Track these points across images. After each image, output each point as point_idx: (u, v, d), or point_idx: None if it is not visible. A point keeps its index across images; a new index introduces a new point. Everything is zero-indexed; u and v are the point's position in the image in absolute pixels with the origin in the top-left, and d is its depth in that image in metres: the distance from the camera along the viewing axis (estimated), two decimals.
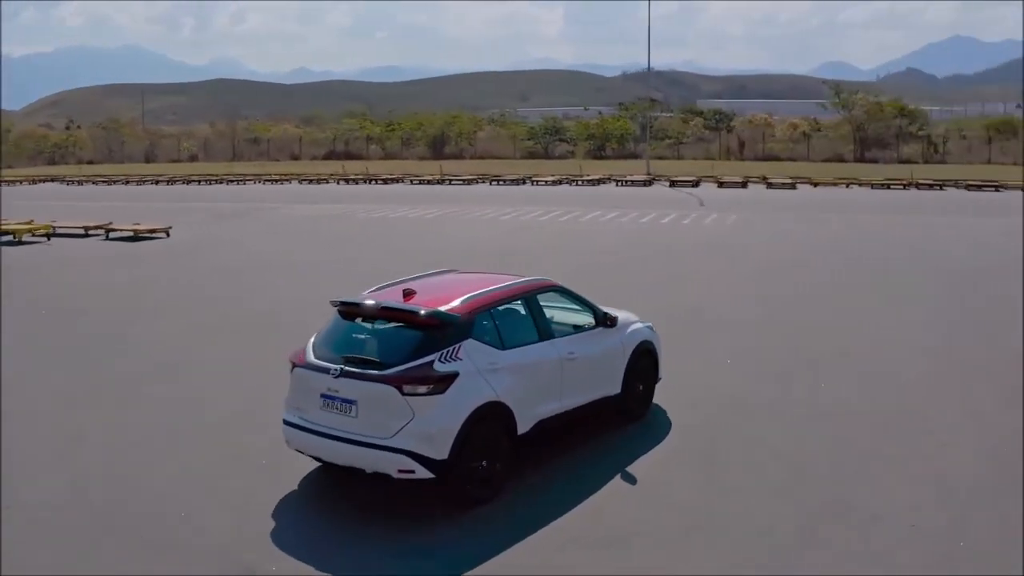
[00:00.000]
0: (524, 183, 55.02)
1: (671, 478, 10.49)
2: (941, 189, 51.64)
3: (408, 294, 10.14)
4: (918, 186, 52.17)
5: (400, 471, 9.19)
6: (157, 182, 61.62)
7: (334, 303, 10.48)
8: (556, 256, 26.12)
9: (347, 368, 9.45)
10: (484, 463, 9.57)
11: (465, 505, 9.51)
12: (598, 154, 78.08)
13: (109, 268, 25.74)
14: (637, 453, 11.17)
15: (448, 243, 29.56)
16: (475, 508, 9.53)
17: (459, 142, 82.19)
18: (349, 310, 10.31)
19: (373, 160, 76.82)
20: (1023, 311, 18.41)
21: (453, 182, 56.31)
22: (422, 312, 9.76)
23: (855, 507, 9.58)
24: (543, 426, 10.44)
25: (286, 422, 9.97)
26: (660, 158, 73.19)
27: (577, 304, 11.64)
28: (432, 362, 9.37)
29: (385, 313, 10.01)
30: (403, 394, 9.18)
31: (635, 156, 77.36)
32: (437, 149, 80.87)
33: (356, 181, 58.19)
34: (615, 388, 11.73)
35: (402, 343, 9.67)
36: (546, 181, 54.91)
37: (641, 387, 12.26)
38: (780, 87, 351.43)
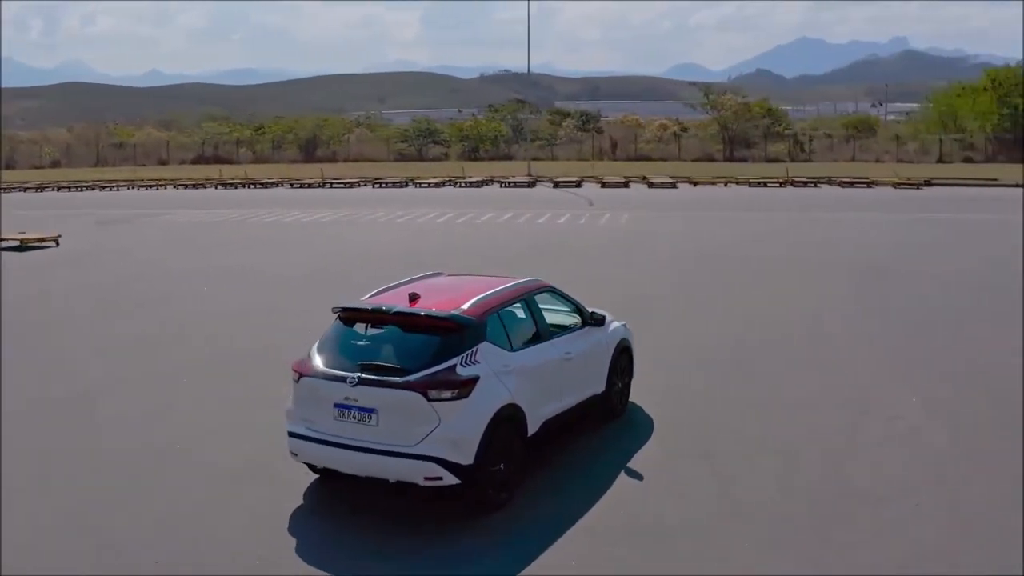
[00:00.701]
0: (407, 185, 54.78)
1: (673, 470, 10.66)
2: (816, 186, 53.17)
3: (413, 298, 9.96)
4: (793, 184, 53.61)
5: (427, 478, 9.02)
6: (25, 189, 59.39)
7: (336, 309, 10.22)
8: (468, 257, 26.03)
9: (365, 376, 9.20)
10: (502, 466, 9.51)
11: (487, 510, 9.43)
12: (472, 156, 78.13)
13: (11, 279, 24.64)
14: (628, 448, 11.33)
15: (355, 247, 29.22)
16: (495, 513, 9.45)
17: (331, 145, 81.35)
18: (359, 316, 10.04)
19: (244, 164, 75.47)
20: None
21: (335, 185, 55.67)
22: (442, 315, 9.63)
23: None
24: (547, 427, 10.43)
25: (292, 434, 9.67)
26: (535, 159, 73.55)
27: (566, 304, 11.66)
28: (455, 366, 9.25)
29: (399, 318, 9.78)
30: (429, 400, 9.02)
31: (509, 157, 77.65)
32: (309, 152, 79.89)
33: (235, 185, 57.03)
34: (601, 387, 11.81)
35: (421, 348, 9.48)
36: (429, 183, 54.75)
37: (620, 384, 12.37)
38: (634, 88, 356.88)
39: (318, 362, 9.66)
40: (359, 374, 9.23)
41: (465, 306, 9.88)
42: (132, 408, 13.01)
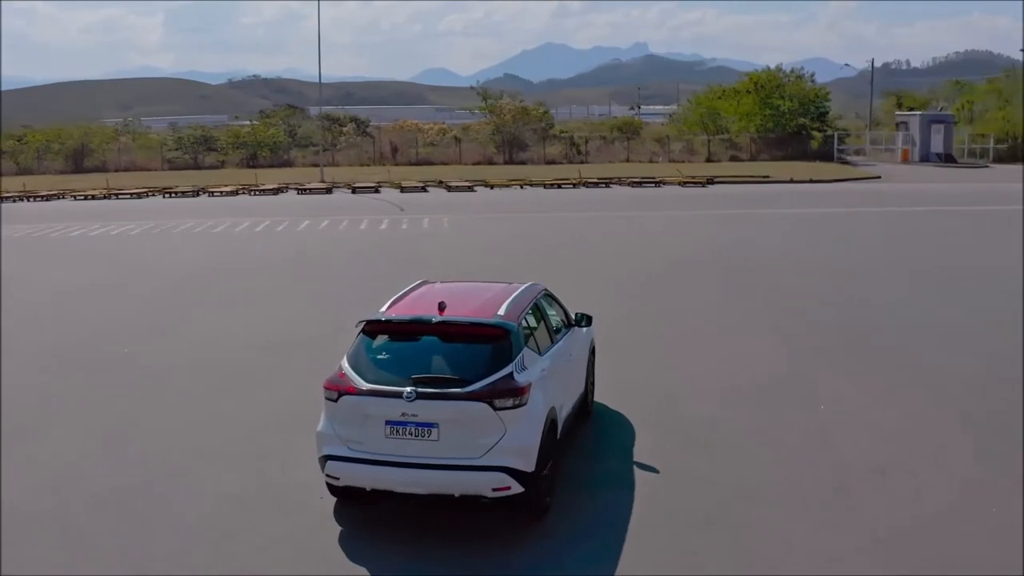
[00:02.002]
0: (199, 194, 52.96)
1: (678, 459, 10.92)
2: (608, 187, 54.67)
3: (442, 307, 9.71)
4: (586, 184, 54.94)
5: (495, 489, 8.87)
6: None
7: (363, 322, 9.83)
8: (308, 269, 25.70)
9: (423, 390, 8.89)
10: (546, 471, 9.47)
11: (538, 516, 9.39)
12: (251, 163, 76.22)
13: None
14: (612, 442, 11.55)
15: (191, 261, 28.23)
16: (544, 518, 9.49)
17: (101, 154, 77.73)
18: (393, 328, 9.68)
19: (8, 176, 71.14)
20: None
21: (121, 196, 53.11)
22: (490, 322, 9.48)
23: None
24: (565, 428, 10.48)
25: (332, 457, 9.18)
26: (314, 165, 72.59)
27: (555, 306, 11.69)
28: (511, 373, 9.15)
29: (442, 328, 9.50)
30: (495, 409, 8.87)
31: (289, 164, 76.21)
32: (78, 162, 76.11)
33: (13, 199, 53.44)
34: (582, 386, 11.91)
35: (473, 357, 9.29)
36: (223, 191, 53.15)
37: (590, 383, 12.52)
38: (386, 93, 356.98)
39: (359, 379, 9.23)
40: (414, 388, 8.91)
41: (501, 312, 9.78)
42: None
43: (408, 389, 8.89)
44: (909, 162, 75.10)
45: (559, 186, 54.66)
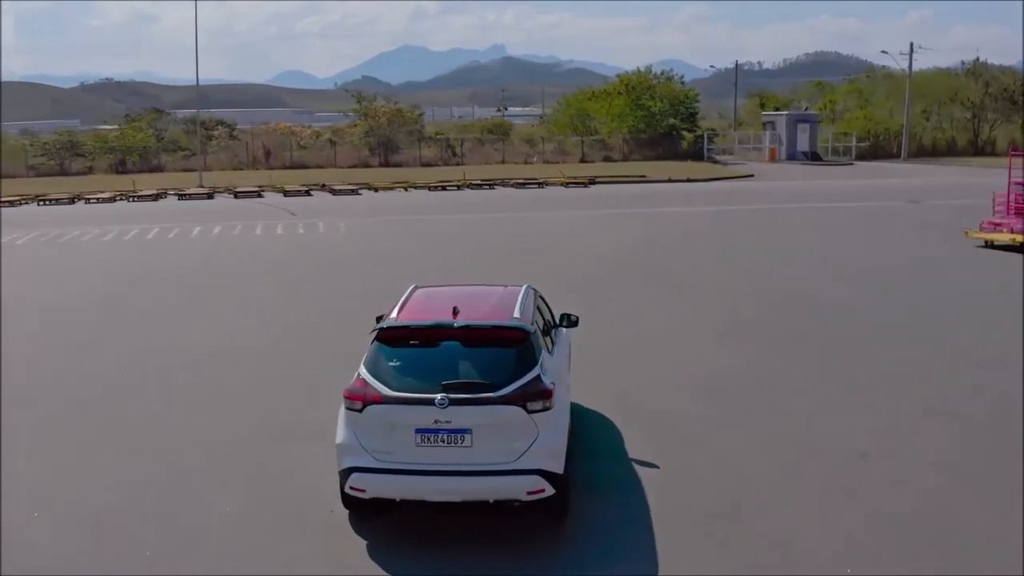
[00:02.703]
0: (75, 201, 51.32)
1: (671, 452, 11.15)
2: (492, 188, 54.90)
3: (455, 312, 9.62)
4: (470, 186, 55.08)
5: (530, 492, 8.86)
6: None
7: (378, 329, 9.64)
8: (224, 278, 25.27)
9: (455, 396, 8.79)
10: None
11: (562, 517, 9.45)
12: (119, 169, 74.27)
13: None
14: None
15: (92, 271, 27.41)
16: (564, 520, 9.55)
17: None
18: (411, 334, 9.49)
19: None
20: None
21: None
22: (512, 325, 9.49)
23: None
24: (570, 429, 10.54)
25: (357, 469, 8.97)
26: (186, 169, 71.23)
27: (545, 307, 11.75)
28: (539, 376, 9.15)
29: (464, 332, 9.39)
30: (528, 412, 8.86)
31: (160, 169, 74.53)
32: None
33: None
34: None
35: (499, 361, 9.24)
36: (99, 198, 51.62)
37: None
38: (243, 96, 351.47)
39: (383, 387, 9.03)
40: (446, 394, 8.79)
41: (517, 315, 9.79)
42: None
43: (439, 395, 8.78)
44: (777, 161, 77.26)
45: (443, 188, 54.68)
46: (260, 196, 51.85)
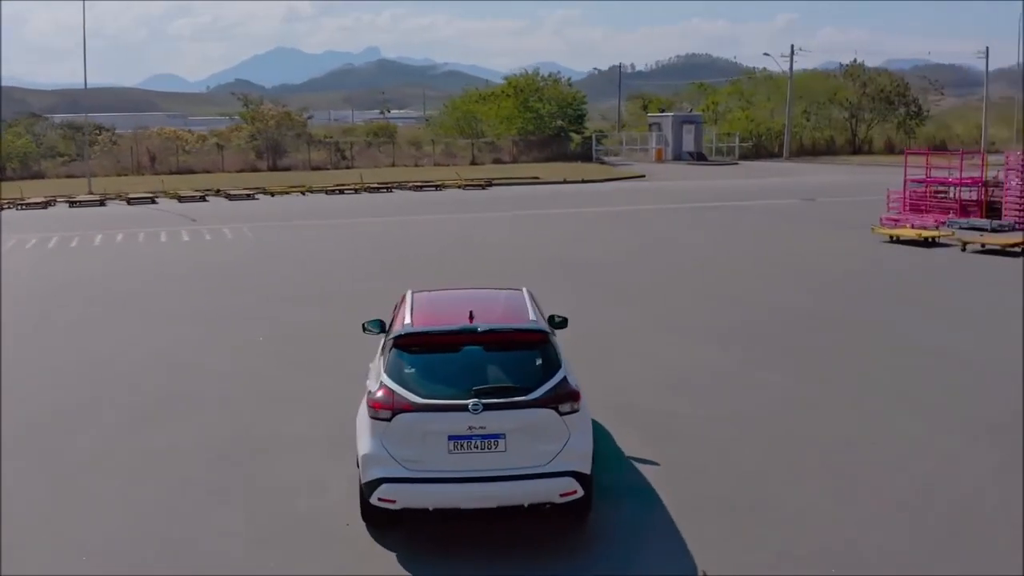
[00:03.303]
0: None
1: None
2: (390, 191, 54.63)
3: (472, 316, 9.47)
4: (368, 189, 54.72)
5: (562, 495, 8.86)
6: None
7: (395, 336, 9.37)
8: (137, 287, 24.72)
9: (489, 401, 8.70)
10: None
11: (585, 517, 9.47)
12: None
13: None
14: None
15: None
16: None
17: None
18: (433, 340, 9.31)
19: None
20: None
21: None
22: (535, 328, 9.46)
23: None
24: None
25: (387, 480, 8.74)
26: (68, 176, 69.27)
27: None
28: (565, 378, 9.15)
29: (489, 336, 9.31)
30: (560, 414, 8.87)
31: (40, 175, 72.03)
32: None
33: None
34: None
35: (525, 364, 9.21)
36: None
37: None
38: (113, 100, 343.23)
39: (411, 395, 8.85)
40: (480, 400, 8.69)
41: (533, 317, 9.77)
42: None
43: (472, 401, 8.68)
44: (663, 161, 78.55)
45: (341, 192, 54.21)
46: (154, 202, 50.64)
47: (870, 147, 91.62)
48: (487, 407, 8.67)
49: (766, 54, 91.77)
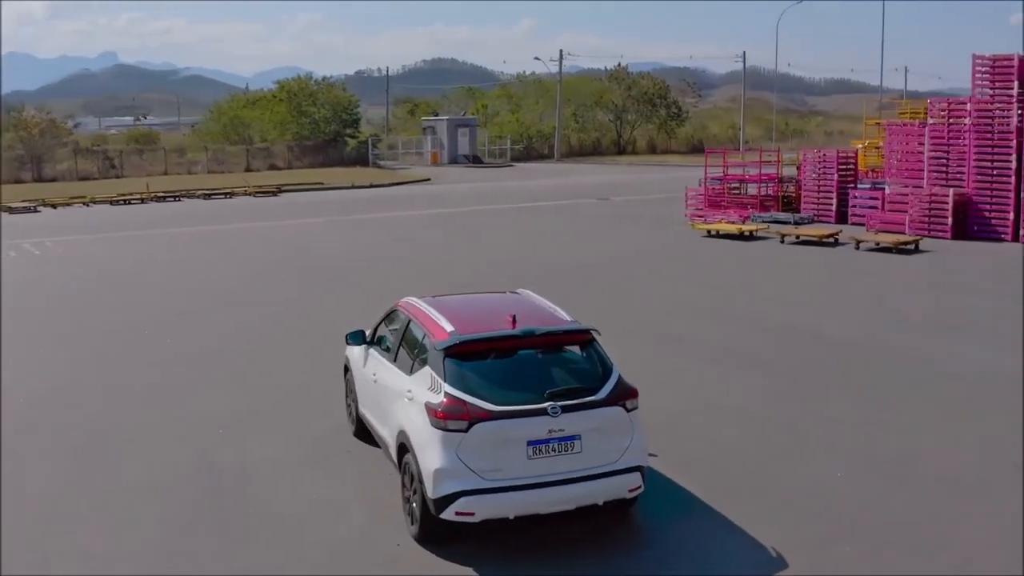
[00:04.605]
0: None
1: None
2: (179, 200, 52.98)
3: (515, 320, 9.45)
4: (156, 198, 52.89)
5: (631, 490, 9.09)
6: None
7: (450, 343, 9.13)
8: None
9: (564, 403, 8.75)
10: None
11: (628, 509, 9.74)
12: None
13: None
14: None
15: None
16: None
17: None
18: (494, 345, 9.23)
19: None
20: None
21: None
22: (584, 328, 9.61)
23: None
24: None
25: (465, 493, 8.58)
26: None
27: None
28: (620, 375, 9.35)
29: (545, 339, 9.42)
30: (627, 411, 9.09)
31: None
32: None
33: None
34: None
35: (584, 364, 9.39)
36: None
37: None
38: None
39: (485, 403, 8.69)
40: (557, 403, 8.71)
41: (567, 317, 9.93)
42: None
43: (550, 404, 8.68)
44: (440, 164, 79.01)
45: (127, 202, 52.08)
46: None
47: (634, 147, 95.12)
48: (564, 409, 8.74)
49: (536, 58, 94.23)
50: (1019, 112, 29.99)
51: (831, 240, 29.91)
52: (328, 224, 38.19)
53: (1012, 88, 30.18)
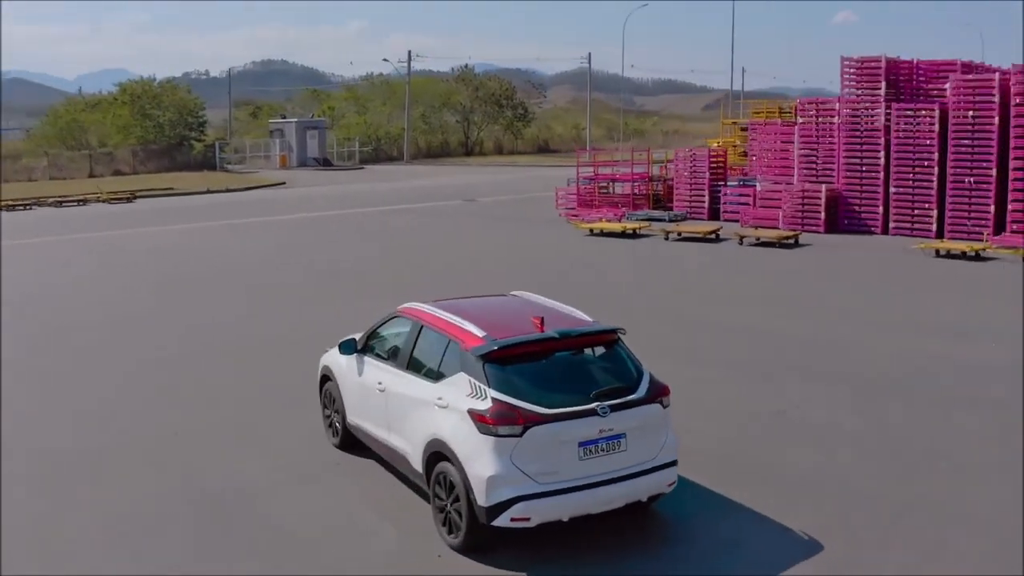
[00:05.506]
0: None
1: None
2: (29, 208, 50.86)
3: (543, 322, 9.51)
4: (7, 207, 50.71)
5: (669, 484, 9.39)
6: None
7: (489, 349, 9.09)
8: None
9: (611, 402, 8.92)
10: None
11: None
12: None
13: None
14: None
15: None
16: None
17: None
18: (533, 348, 9.26)
19: None
20: None
21: None
22: (612, 328, 9.79)
23: None
24: None
25: (520, 498, 8.60)
26: None
27: None
28: (650, 373, 9.56)
29: (579, 340, 9.61)
30: (664, 408, 9.33)
31: None
32: None
33: None
34: None
35: (617, 363, 9.56)
36: None
37: None
38: None
39: (536, 406, 8.72)
40: (605, 403, 8.87)
41: (587, 318, 10.10)
42: None
43: (598, 404, 8.83)
44: (288, 167, 77.97)
45: None
46: None
47: (481, 148, 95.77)
48: (614, 408, 8.93)
49: (385, 60, 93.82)
50: (886, 111, 31.39)
51: (713, 236, 30.80)
52: (205, 230, 37.21)
53: (879, 88, 31.70)
